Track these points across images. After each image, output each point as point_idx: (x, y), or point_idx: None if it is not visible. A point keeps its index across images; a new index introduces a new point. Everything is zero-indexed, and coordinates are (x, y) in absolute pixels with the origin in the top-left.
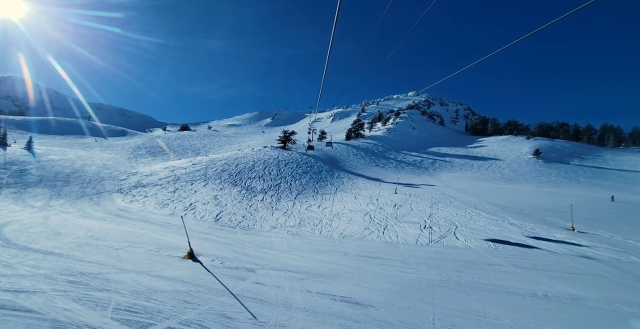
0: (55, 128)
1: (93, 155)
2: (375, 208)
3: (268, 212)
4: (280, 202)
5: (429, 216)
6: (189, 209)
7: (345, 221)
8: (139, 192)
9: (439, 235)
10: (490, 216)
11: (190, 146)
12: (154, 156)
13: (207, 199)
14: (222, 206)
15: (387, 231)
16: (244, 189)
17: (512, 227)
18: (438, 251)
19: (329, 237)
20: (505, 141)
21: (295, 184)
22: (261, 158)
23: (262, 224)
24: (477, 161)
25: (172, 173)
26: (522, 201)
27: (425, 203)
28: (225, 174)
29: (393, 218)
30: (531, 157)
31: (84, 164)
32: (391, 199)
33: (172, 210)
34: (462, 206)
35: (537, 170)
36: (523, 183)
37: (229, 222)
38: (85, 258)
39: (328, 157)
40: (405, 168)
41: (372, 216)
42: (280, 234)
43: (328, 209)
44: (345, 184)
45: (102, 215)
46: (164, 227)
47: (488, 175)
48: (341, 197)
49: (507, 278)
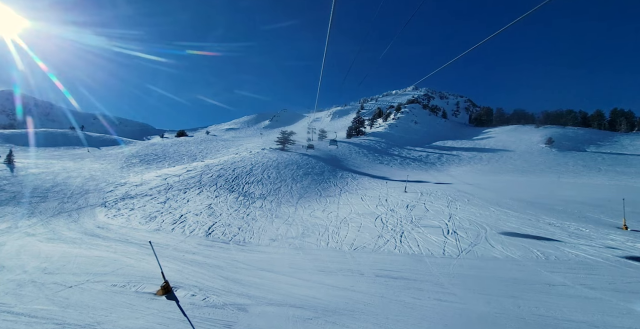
0: (46, 140)
1: (82, 166)
2: (386, 210)
3: (267, 220)
4: (281, 208)
5: (449, 218)
6: (178, 222)
7: (354, 227)
8: (125, 205)
9: (469, 242)
10: (519, 214)
11: (187, 152)
12: (147, 164)
13: (201, 208)
14: (217, 216)
15: (404, 238)
16: (242, 195)
17: (552, 228)
18: (474, 264)
19: (338, 249)
20: (513, 131)
21: (297, 187)
22: (259, 161)
23: (261, 236)
24: (485, 153)
25: (164, 182)
26: (549, 195)
27: (441, 202)
28: (222, 180)
29: (408, 222)
30: (544, 147)
31: (68, 177)
32: (402, 199)
33: (158, 224)
34: (484, 204)
35: (552, 159)
36: (539, 174)
37: (222, 236)
38: (17, 305)
39: (330, 157)
40: (411, 164)
41: (384, 220)
42: (281, 248)
43: (334, 214)
44: (350, 185)
45: (74, 236)
46: (144, 248)
47: (500, 167)
48: (347, 199)
49: (585, 306)
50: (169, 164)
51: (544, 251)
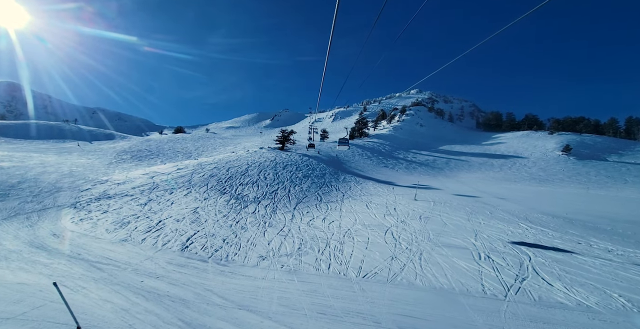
0: (36, 132)
1: (65, 161)
2: (397, 222)
3: (259, 230)
4: (276, 215)
5: (475, 236)
6: (153, 230)
7: (360, 243)
8: (99, 206)
9: (513, 274)
10: (561, 235)
11: (182, 149)
12: (139, 161)
13: (184, 213)
14: (201, 223)
15: (425, 262)
16: (234, 198)
17: (616, 258)
18: (535, 314)
19: (343, 276)
20: (525, 137)
21: (295, 191)
22: (256, 161)
23: (249, 251)
24: (497, 160)
25: (150, 180)
26: (585, 210)
27: (459, 214)
28: (214, 180)
29: (425, 239)
30: (560, 154)
31: (42, 172)
32: (412, 209)
33: (129, 232)
34: (511, 219)
35: (571, 168)
36: (559, 184)
37: (202, 251)
38: None
39: (331, 159)
40: (418, 169)
41: (395, 235)
42: (271, 270)
43: (335, 224)
44: (353, 190)
45: (12, 248)
46: (94, 269)
47: (513, 175)
48: (350, 206)
49: None
50: (161, 161)
51: (627, 295)
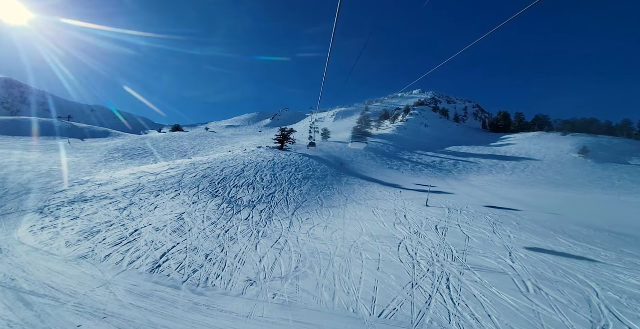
0: (27, 129)
1: (49, 159)
2: (409, 233)
3: (251, 242)
4: (272, 222)
5: (510, 255)
6: (124, 243)
7: (370, 261)
8: (70, 211)
9: (586, 321)
10: (618, 256)
11: (178, 148)
12: (131, 160)
13: (167, 220)
14: (184, 232)
15: (456, 294)
16: (226, 201)
17: None
18: None
19: (352, 313)
20: (536, 138)
21: (294, 194)
22: (253, 161)
23: (235, 272)
24: (508, 162)
25: (137, 181)
26: (628, 221)
27: (481, 224)
28: (206, 182)
29: (449, 258)
30: (577, 157)
31: (16, 171)
32: (425, 217)
33: (93, 245)
34: (544, 232)
35: (591, 172)
36: (580, 189)
37: (177, 273)
38: None
39: (333, 159)
40: (424, 171)
41: (411, 251)
42: (260, 303)
43: (339, 234)
44: (358, 193)
45: None
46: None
47: (528, 178)
48: (354, 212)
49: None
50: (154, 160)
51: None
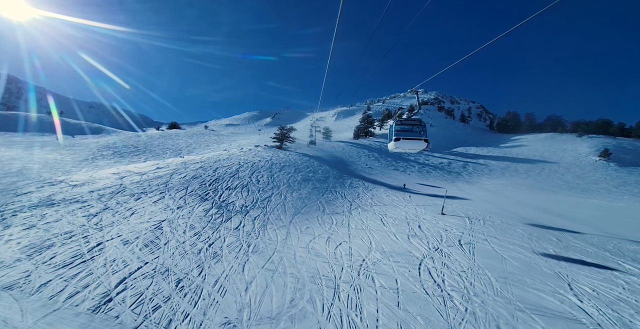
0: (12, 125)
1: (27, 156)
2: (429, 250)
3: (237, 260)
4: (266, 232)
5: (570, 287)
6: (76, 263)
7: (386, 291)
8: (28, 217)
9: None
10: None
11: (173, 146)
12: (120, 157)
13: (142, 229)
14: (158, 246)
15: None
16: (216, 206)
17: None
18: None
19: None
20: (550, 140)
21: (292, 198)
22: (249, 160)
23: (210, 308)
24: (521, 164)
25: (118, 182)
26: None
27: (513, 239)
28: (196, 183)
29: (488, 288)
30: (597, 160)
31: None
32: (443, 228)
33: (31, 267)
34: (598, 253)
35: (615, 177)
36: (607, 196)
37: (129, 313)
38: None
39: (334, 159)
40: (432, 173)
41: (435, 276)
42: None
43: (344, 249)
44: (363, 197)
45: None
46: None
47: (546, 182)
48: (360, 220)
49: None
50: (145, 158)
51: None
